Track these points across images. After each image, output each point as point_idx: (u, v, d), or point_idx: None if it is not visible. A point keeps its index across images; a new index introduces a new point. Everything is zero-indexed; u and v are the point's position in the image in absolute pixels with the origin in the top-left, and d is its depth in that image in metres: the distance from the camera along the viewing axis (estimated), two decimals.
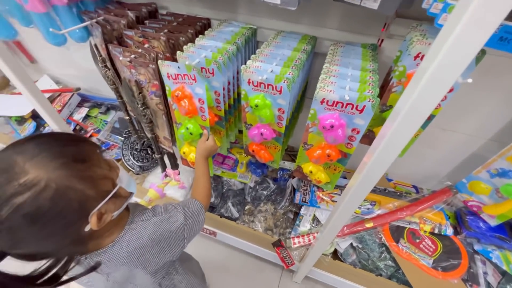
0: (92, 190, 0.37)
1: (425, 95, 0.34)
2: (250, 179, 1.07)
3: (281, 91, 0.55)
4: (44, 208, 0.32)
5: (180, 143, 0.73)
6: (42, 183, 0.32)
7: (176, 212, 0.51)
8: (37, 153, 0.33)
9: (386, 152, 0.43)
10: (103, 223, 0.39)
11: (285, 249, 0.89)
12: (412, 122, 0.37)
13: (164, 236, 0.48)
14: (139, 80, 0.67)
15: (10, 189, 0.31)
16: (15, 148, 0.34)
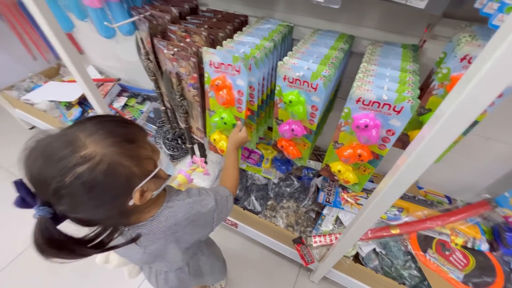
0: (138, 168, 0.40)
1: (472, 98, 0.33)
2: (274, 175, 1.08)
3: (317, 88, 0.55)
4: (98, 179, 0.36)
5: (210, 129, 0.76)
6: (97, 158, 0.36)
7: (208, 196, 0.55)
8: (95, 131, 0.38)
9: (423, 156, 0.42)
10: (144, 199, 0.43)
11: (305, 247, 0.89)
12: (454, 126, 0.36)
13: (197, 216, 0.51)
14: (180, 72, 0.71)
15: (73, 160, 0.35)
16: (78, 125, 0.39)
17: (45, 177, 0.35)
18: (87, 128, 0.38)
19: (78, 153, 0.35)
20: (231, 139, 0.69)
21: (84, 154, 0.36)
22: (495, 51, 0.28)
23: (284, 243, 1.04)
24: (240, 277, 1.14)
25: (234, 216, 1.09)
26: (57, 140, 0.37)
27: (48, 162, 0.35)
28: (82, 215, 0.39)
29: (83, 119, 0.41)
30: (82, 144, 0.36)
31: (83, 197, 0.37)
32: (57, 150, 0.35)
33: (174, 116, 1.05)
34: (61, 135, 0.38)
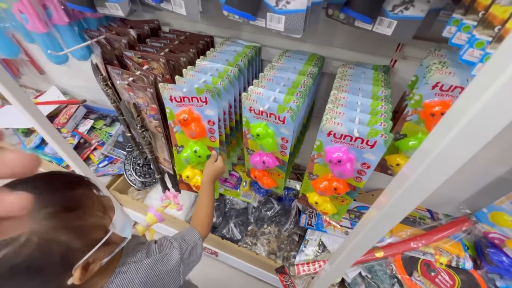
0: (79, 241, 0.34)
1: (465, 139, 0.28)
2: (253, 199, 1.03)
3: (284, 121, 0.51)
4: (22, 264, 0.29)
5: (181, 166, 0.70)
6: (22, 238, 0.29)
7: (172, 248, 0.48)
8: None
9: (409, 197, 0.38)
10: (89, 273, 0.36)
11: (288, 277, 0.84)
12: (445, 166, 0.32)
13: (158, 277, 0.45)
14: (138, 103, 0.65)
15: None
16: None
17: None
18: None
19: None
20: (206, 171, 0.63)
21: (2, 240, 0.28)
22: (484, 91, 0.24)
23: (267, 271, 0.98)
24: None
25: (214, 245, 1.02)
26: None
27: None
28: None
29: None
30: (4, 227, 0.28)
31: (9, 283, 0.30)
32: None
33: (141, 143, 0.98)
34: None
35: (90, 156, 1.22)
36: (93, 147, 1.24)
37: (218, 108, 0.56)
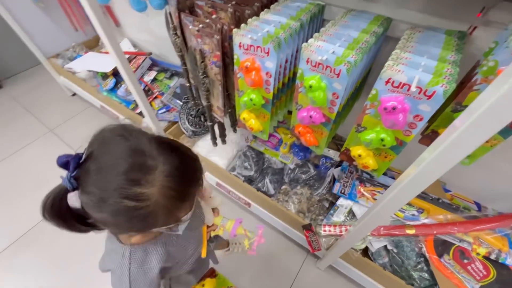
0: (165, 221, 0.39)
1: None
2: (291, 161, 1.08)
3: (340, 74, 0.52)
4: (132, 215, 0.35)
5: (240, 108, 0.77)
6: (148, 203, 0.34)
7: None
8: (169, 174, 0.36)
9: (452, 150, 0.38)
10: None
11: (314, 234, 0.90)
12: (492, 122, 0.32)
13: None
14: (204, 49, 0.71)
15: (131, 192, 0.33)
16: (164, 152, 0.37)
17: (99, 178, 0.34)
18: (167, 163, 0.36)
19: (140, 188, 0.34)
20: None
21: (143, 193, 0.34)
22: None
23: (294, 227, 1.05)
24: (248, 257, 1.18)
25: (248, 196, 1.12)
26: (135, 154, 0.35)
27: (111, 170, 0.34)
28: (94, 217, 0.37)
29: (177, 144, 0.41)
30: (149, 181, 0.34)
31: (106, 216, 0.35)
32: (125, 167, 0.34)
33: (197, 93, 1.07)
34: (142, 153, 0.35)
35: (151, 103, 1.39)
36: (154, 95, 1.40)
37: (277, 60, 0.60)
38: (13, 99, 1.96)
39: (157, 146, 0.37)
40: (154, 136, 0.39)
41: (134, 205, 0.34)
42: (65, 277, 1.13)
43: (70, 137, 1.68)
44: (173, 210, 0.38)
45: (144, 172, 0.34)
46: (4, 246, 1.21)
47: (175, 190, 0.37)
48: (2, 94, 2.00)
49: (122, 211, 0.34)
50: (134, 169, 0.34)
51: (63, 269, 1.15)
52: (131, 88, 0.97)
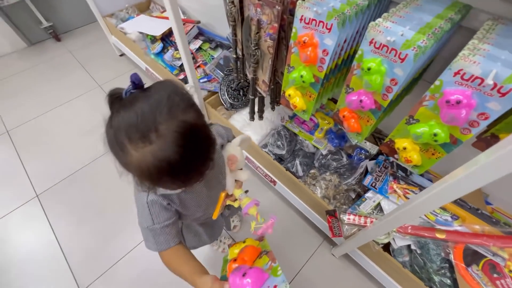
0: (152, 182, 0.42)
1: None
2: (324, 146, 1.07)
3: (405, 59, 0.50)
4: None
5: (287, 84, 0.77)
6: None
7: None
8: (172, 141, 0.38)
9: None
10: None
11: (337, 220, 0.91)
12: None
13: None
14: (261, 20, 0.71)
15: (134, 137, 0.37)
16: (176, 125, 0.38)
17: (127, 110, 0.38)
18: (179, 133, 0.38)
19: (141, 139, 0.38)
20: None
21: (144, 139, 0.37)
22: None
23: (316, 211, 1.07)
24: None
25: (276, 174, 1.14)
26: (160, 110, 0.38)
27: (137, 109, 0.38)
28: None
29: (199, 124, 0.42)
30: (151, 139, 0.38)
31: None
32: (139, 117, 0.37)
33: (242, 66, 1.08)
34: (166, 115, 0.38)
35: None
36: (198, 64, 1.43)
37: (338, 38, 0.58)
38: (69, 52, 2.12)
39: (184, 117, 0.39)
40: (191, 108, 0.41)
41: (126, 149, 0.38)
42: (97, 223, 1.27)
43: None
44: (161, 178, 0.40)
45: (148, 131, 0.36)
46: (48, 186, 1.37)
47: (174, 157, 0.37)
48: (60, 47, 2.17)
49: (114, 145, 0.39)
50: (143, 123, 0.37)
51: (97, 215, 1.28)
52: (181, 52, 1.01)
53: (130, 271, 1.12)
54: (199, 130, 0.41)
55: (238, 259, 0.46)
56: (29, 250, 1.17)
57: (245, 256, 0.47)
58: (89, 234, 1.21)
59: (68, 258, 1.15)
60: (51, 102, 1.75)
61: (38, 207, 1.30)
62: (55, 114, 1.69)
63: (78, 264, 1.13)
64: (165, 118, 0.37)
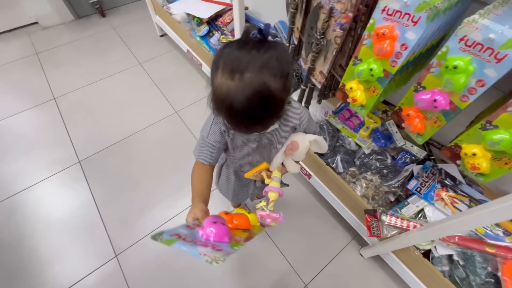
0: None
1: None
2: (368, 146, 1.05)
3: (503, 60, 0.47)
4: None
5: (349, 77, 0.75)
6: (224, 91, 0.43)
7: None
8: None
9: None
10: None
11: (376, 220, 0.90)
12: None
13: None
14: (334, 8, 0.70)
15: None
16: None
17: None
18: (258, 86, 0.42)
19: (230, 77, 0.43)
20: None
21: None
22: None
23: (350, 209, 1.06)
24: (292, 224, 1.24)
25: (313, 168, 1.14)
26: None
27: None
28: None
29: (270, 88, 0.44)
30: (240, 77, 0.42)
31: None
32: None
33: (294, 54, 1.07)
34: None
35: None
36: None
37: (424, 32, 0.56)
38: (113, 28, 2.18)
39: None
40: (281, 79, 0.43)
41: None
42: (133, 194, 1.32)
43: (154, 73, 1.85)
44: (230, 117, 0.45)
45: (237, 70, 0.41)
46: (89, 154, 1.44)
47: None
48: (105, 23, 2.23)
49: (214, 62, 0.44)
50: (238, 62, 0.41)
51: (133, 187, 1.34)
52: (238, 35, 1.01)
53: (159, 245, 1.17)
54: (271, 99, 0.43)
55: (229, 216, 0.48)
56: (69, 210, 1.25)
57: (236, 220, 0.48)
58: (125, 203, 1.27)
59: (105, 223, 1.21)
60: (94, 75, 1.82)
61: (80, 172, 1.37)
62: (98, 87, 1.76)
63: (114, 230, 1.20)
64: (254, 71, 0.40)
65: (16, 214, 1.23)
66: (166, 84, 1.79)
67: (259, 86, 0.41)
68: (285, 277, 1.10)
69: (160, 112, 1.63)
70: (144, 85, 1.79)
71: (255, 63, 0.41)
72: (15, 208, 1.25)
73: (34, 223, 1.21)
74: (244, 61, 0.41)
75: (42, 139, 1.49)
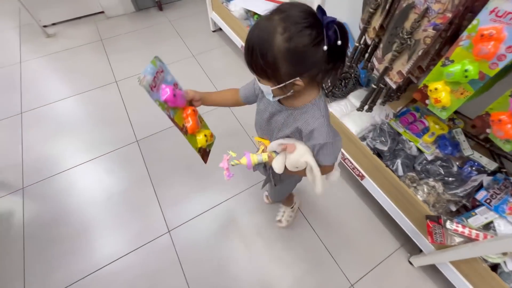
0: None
1: None
2: (431, 152, 1.03)
3: None
4: None
5: (434, 78, 0.75)
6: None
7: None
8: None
9: None
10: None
11: (440, 227, 0.88)
12: None
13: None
14: (430, 8, 0.70)
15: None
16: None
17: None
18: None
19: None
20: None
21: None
22: None
23: (407, 215, 1.04)
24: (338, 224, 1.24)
25: (368, 168, 1.13)
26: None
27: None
28: None
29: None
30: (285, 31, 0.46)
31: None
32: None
33: (360, 55, 1.08)
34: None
35: None
36: None
37: None
38: (169, 21, 2.32)
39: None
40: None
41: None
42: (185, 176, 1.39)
43: (206, 66, 1.93)
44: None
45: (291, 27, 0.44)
46: (146, 134, 1.54)
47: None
48: (162, 16, 2.37)
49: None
50: (290, 20, 0.45)
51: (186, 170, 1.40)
52: None
53: (212, 225, 1.22)
54: (267, 48, 0.46)
55: (192, 113, 0.70)
56: (127, 185, 1.34)
57: (191, 120, 0.69)
58: (178, 183, 1.34)
59: (159, 199, 1.29)
60: None
61: (137, 151, 1.47)
62: None
63: (168, 208, 1.27)
64: (276, 22, 0.45)
65: (82, 181, 1.35)
66: (217, 75, 1.87)
67: (267, 32, 0.45)
68: (332, 275, 1.11)
69: None
70: (196, 75, 1.88)
71: (282, 19, 0.45)
72: (80, 176, 1.36)
73: (97, 192, 1.31)
74: (293, 20, 0.45)
75: (106, 117, 1.61)
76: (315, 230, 1.22)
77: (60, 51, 2.01)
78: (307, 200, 1.30)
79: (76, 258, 1.13)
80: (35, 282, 1.07)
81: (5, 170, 1.38)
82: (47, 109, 1.65)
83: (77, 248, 1.15)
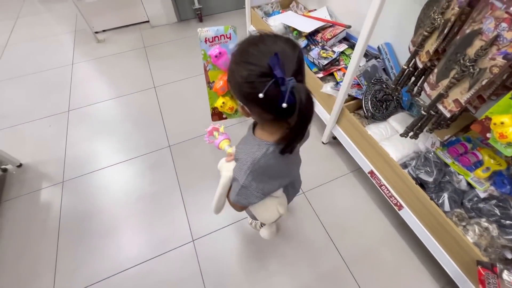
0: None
1: None
2: (484, 189, 0.93)
3: None
4: None
5: (502, 110, 0.68)
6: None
7: None
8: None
9: None
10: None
11: (495, 277, 0.78)
12: None
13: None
14: (501, 36, 0.65)
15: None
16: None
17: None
18: None
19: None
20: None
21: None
22: None
23: (451, 256, 0.94)
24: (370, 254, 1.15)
25: (408, 198, 1.05)
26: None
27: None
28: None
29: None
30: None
31: None
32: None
33: (407, 78, 1.03)
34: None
35: (334, 73, 1.44)
36: (339, 67, 1.43)
37: None
38: None
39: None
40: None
41: None
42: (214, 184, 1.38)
43: None
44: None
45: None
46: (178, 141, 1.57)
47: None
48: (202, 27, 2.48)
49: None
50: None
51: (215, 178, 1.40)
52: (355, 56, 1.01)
53: (235, 239, 1.20)
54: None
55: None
56: (157, 189, 1.37)
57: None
58: (205, 192, 1.35)
59: (186, 207, 1.30)
60: (189, 71, 2.01)
61: (168, 156, 1.50)
62: (191, 82, 1.94)
63: (194, 216, 1.27)
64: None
65: (115, 181, 1.40)
66: None
67: (243, 44, 0.47)
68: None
69: None
70: None
71: (253, 43, 0.46)
72: (113, 176, 1.42)
73: (128, 193, 1.35)
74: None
75: (142, 121, 1.68)
76: (343, 257, 1.14)
77: (107, 56, 2.16)
78: (336, 225, 1.23)
79: (103, 256, 1.15)
80: (65, 276, 1.11)
81: (49, 163, 1.48)
82: (91, 109, 1.76)
83: (105, 246, 1.18)
